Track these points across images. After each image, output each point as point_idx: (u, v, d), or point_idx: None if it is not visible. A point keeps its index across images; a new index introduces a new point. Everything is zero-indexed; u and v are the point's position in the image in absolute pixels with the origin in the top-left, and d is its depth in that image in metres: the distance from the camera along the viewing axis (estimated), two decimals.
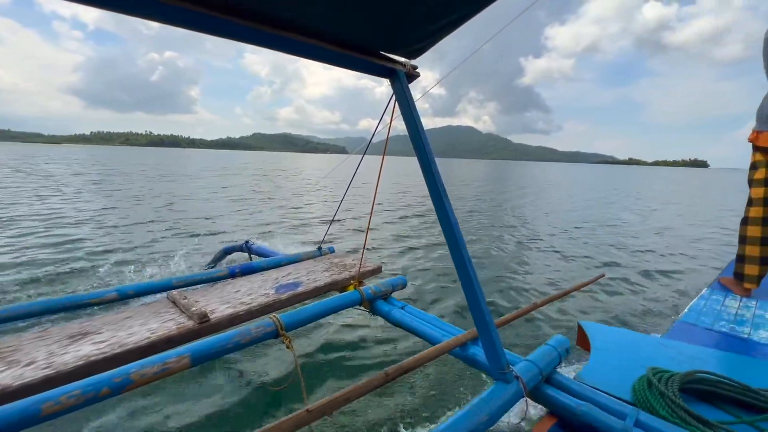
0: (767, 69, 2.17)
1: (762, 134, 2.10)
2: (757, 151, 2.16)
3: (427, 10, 0.81)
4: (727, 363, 1.42)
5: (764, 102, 2.13)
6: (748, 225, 2.17)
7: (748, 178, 2.22)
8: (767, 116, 2.07)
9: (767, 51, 2.14)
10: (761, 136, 2.11)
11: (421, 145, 1.09)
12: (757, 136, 2.13)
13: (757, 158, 2.17)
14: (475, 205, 10.01)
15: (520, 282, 3.66)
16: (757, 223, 2.14)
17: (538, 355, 1.18)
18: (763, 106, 2.13)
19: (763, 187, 2.12)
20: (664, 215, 9.47)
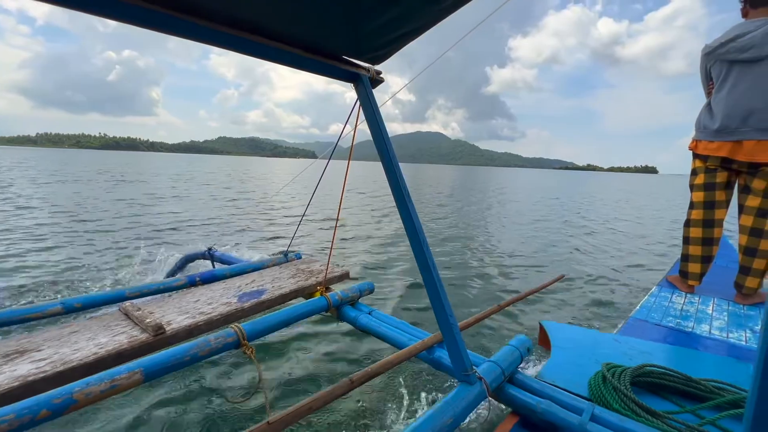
0: (704, 84, 2.37)
1: (700, 143, 2.29)
2: (697, 159, 2.34)
3: (388, 19, 0.82)
4: (673, 356, 1.52)
5: (702, 114, 2.32)
6: (691, 227, 2.35)
7: (689, 183, 2.40)
8: (704, 126, 2.26)
9: (704, 68, 2.34)
10: (700, 145, 2.29)
11: (385, 149, 1.09)
12: (696, 144, 2.32)
13: (696, 165, 2.35)
14: (442, 208, 10.20)
15: (484, 284, 3.75)
16: (699, 225, 2.32)
17: (501, 356, 1.21)
18: (701, 117, 2.31)
19: (702, 191, 2.30)
20: (619, 218, 10.05)
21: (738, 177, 2.23)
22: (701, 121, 2.30)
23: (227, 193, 11.73)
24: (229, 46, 0.81)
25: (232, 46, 0.82)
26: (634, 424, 0.98)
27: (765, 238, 2.08)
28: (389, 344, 1.51)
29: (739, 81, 2.12)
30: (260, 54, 0.87)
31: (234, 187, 14.23)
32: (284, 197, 11.01)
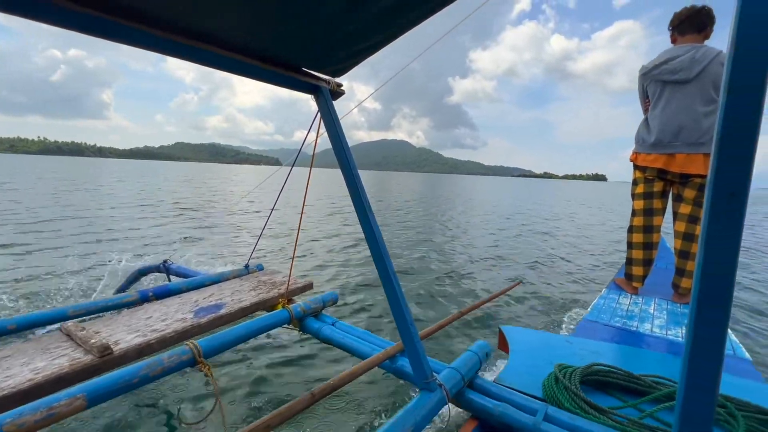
0: (642, 101, 2.59)
1: (639, 155, 2.49)
2: (637, 169, 2.55)
3: (348, 33, 0.84)
4: (619, 354, 1.63)
5: (640, 128, 2.53)
6: (633, 232, 2.54)
7: (631, 192, 2.60)
8: (642, 140, 2.46)
9: (641, 87, 2.56)
10: (639, 157, 2.49)
11: (345, 159, 1.10)
12: (636, 156, 2.52)
13: (637, 175, 2.56)
14: (406, 215, 10.33)
15: (446, 291, 3.83)
16: (640, 231, 2.51)
17: (461, 362, 1.24)
18: (639, 131, 2.52)
19: (642, 200, 2.50)
20: (573, 224, 10.64)
21: (672, 186, 2.44)
22: (640, 135, 2.51)
23: (186, 200, 11.22)
24: (183, 55, 0.79)
25: (186, 56, 0.80)
26: (583, 421, 1.03)
27: (696, 242, 2.29)
28: (353, 355, 1.50)
29: (671, 100, 2.33)
30: (216, 64, 0.86)
31: (191, 195, 13.64)
32: (247, 206, 10.69)
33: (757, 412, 1.05)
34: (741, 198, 0.53)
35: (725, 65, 0.52)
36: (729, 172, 0.53)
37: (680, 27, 2.37)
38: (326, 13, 0.74)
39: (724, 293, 0.56)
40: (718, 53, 2.22)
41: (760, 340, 2.95)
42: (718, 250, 0.56)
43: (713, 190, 0.55)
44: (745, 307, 3.78)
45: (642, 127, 2.51)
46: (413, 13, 0.79)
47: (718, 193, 0.55)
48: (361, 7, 0.73)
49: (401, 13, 0.79)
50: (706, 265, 0.56)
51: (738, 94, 0.51)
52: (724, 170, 0.53)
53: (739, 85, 0.50)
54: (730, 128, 0.52)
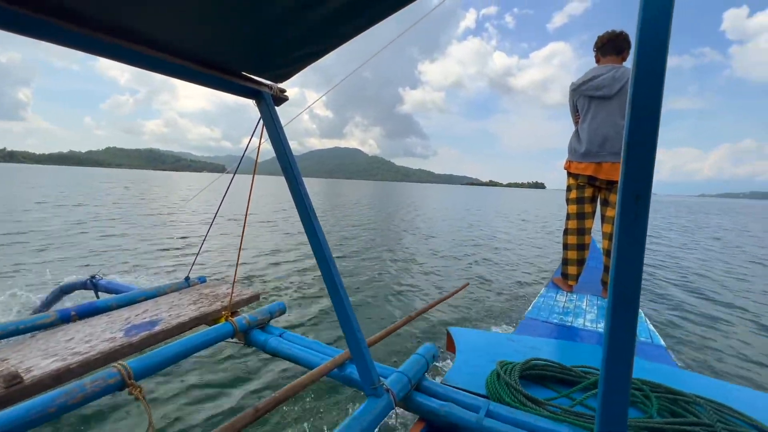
0: (572, 114, 2.83)
1: (572, 164, 2.71)
2: (570, 177, 2.77)
3: (290, 38, 0.83)
4: (556, 348, 1.74)
5: (572, 139, 2.76)
6: (568, 235, 2.75)
7: (566, 198, 2.82)
8: (574, 150, 2.69)
9: (571, 101, 2.79)
10: (572, 165, 2.71)
11: (288, 167, 1.08)
12: (569, 165, 2.74)
13: (570, 182, 2.78)
14: (358, 222, 10.35)
15: (397, 296, 3.88)
16: (574, 233, 2.72)
17: (408, 365, 1.26)
18: (571, 142, 2.75)
19: (575, 204, 2.72)
20: (515, 229, 11.27)
21: (600, 192, 2.68)
22: (572, 145, 2.73)
23: (116, 210, 10.33)
24: (114, 55, 0.74)
25: (117, 56, 0.75)
26: (522, 414, 1.09)
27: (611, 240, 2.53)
28: (301, 366, 1.47)
29: (597, 113, 2.57)
30: (149, 65, 0.81)
31: (125, 203, 12.60)
32: (189, 215, 10.09)
33: (667, 392, 1.18)
34: (645, 200, 0.60)
35: (629, 85, 0.59)
36: (634, 178, 0.60)
37: (603, 49, 2.63)
38: (266, 17, 0.73)
39: (634, 284, 0.62)
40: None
41: (675, 330, 3.31)
42: (627, 247, 0.62)
43: (622, 194, 0.61)
44: (666, 302, 4.22)
45: (573, 138, 2.73)
46: (357, 21, 0.79)
47: (626, 196, 0.61)
48: (302, 13, 0.73)
49: (344, 22, 0.79)
50: (618, 260, 0.62)
51: (639, 109, 0.57)
52: (630, 176, 0.60)
53: (640, 101, 0.57)
54: (633, 139, 0.59)
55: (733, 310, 3.99)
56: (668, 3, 0.54)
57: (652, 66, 0.56)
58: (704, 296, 4.51)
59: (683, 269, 6.16)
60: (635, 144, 0.58)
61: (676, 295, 4.48)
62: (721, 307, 4.07)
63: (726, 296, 4.56)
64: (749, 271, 6.34)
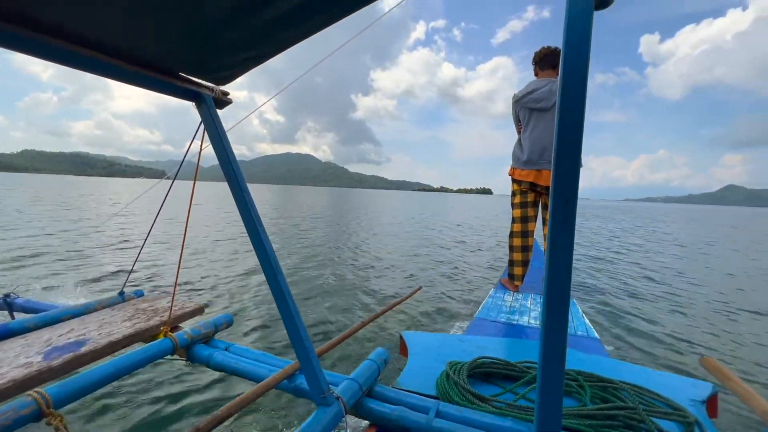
0: (516, 124, 3.01)
1: (516, 170, 2.87)
2: (514, 183, 2.93)
3: (231, 41, 0.80)
4: (503, 346, 1.82)
5: (515, 148, 2.93)
6: (513, 237, 2.90)
7: (511, 202, 2.99)
8: (517, 158, 2.85)
9: (514, 112, 2.97)
10: (515, 172, 2.88)
11: (232, 173, 1.05)
12: (513, 171, 2.91)
13: (514, 188, 2.95)
14: (311, 228, 10.20)
15: (350, 302, 3.87)
16: (518, 236, 2.88)
17: (359, 372, 1.25)
18: (515, 150, 2.92)
19: (519, 208, 2.89)
20: (466, 232, 11.71)
21: (541, 197, 2.87)
22: (515, 153, 2.90)
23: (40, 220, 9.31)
24: (29, 50, 0.67)
25: (37, 53, 0.68)
26: (470, 412, 1.13)
27: None
28: (249, 380, 1.40)
29: (537, 124, 2.76)
30: (74, 63, 0.74)
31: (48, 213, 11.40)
32: (124, 225, 9.34)
33: (599, 381, 1.28)
34: (573, 203, 0.66)
35: (557, 100, 0.64)
36: (563, 184, 0.65)
37: (540, 63, 2.83)
38: (203, 17, 0.70)
39: (565, 279, 0.67)
40: None
41: (608, 323, 3.61)
42: (558, 245, 0.67)
43: (554, 198, 0.66)
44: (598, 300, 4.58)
45: (516, 146, 2.90)
46: (302, 27, 0.79)
47: (557, 200, 0.66)
48: (243, 16, 0.71)
49: (289, 27, 0.78)
50: (551, 258, 0.67)
51: (565, 125, 0.63)
52: (560, 183, 0.65)
53: (565, 118, 0.62)
54: (561, 150, 0.64)
55: (658, 304, 4.43)
56: (587, 30, 0.60)
57: (575, 87, 0.62)
58: (634, 293, 4.96)
59: (620, 269, 6.75)
60: (563, 154, 0.64)
61: (609, 291, 4.90)
62: (647, 302, 4.50)
63: (653, 291, 5.07)
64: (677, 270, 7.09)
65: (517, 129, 2.95)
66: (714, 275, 6.40)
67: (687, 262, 7.73)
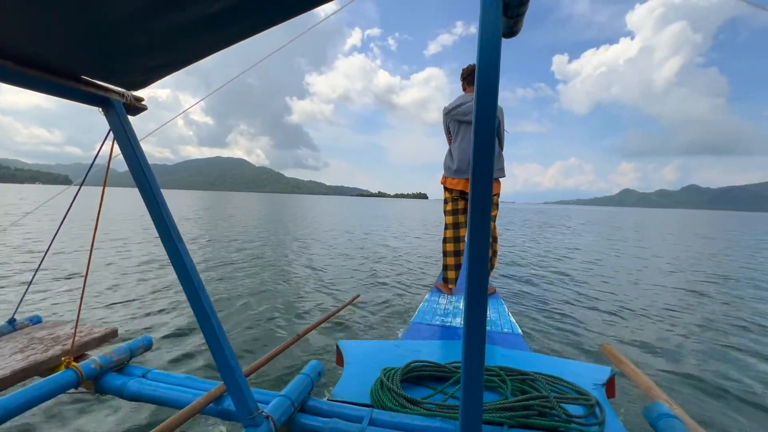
0: (446, 135, 3.18)
1: (447, 179, 3.03)
2: (446, 191, 3.09)
3: (140, 46, 0.75)
4: (436, 348, 1.89)
5: (446, 157, 3.09)
6: (446, 243, 3.05)
7: (443, 209, 3.14)
8: (448, 167, 3.01)
9: (445, 123, 3.14)
10: (447, 180, 3.03)
11: (144, 182, 0.97)
12: (445, 180, 3.06)
13: (446, 195, 3.10)
14: (244, 236, 9.77)
15: (285, 314, 3.76)
16: (451, 241, 3.03)
17: (291, 387, 1.22)
18: (446, 160, 3.08)
19: (451, 215, 3.04)
20: (404, 238, 12.03)
21: None
22: (446, 162, 3.06)
23: None
24: None
25: None
26: (402, 416, 1.16)
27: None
28: (171, 407, 1.29)
29: (464, 136, 2.94)
30: None
31: None
32: (18, 240, 8.12)
33: (519, 374, 1.39)
34: (487, 213, 0.71)
35: (473, 124, 0.70)
36: (479, 196, 0.71)
37: (468, 79, 3.03)
38: (107, 17, 0.64)
39: (482, 280, 0.73)
40: None
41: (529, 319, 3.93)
42: (476, 251, 0.72)
43: (472, 208, 0.72)
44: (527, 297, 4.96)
45: (447, 156, 3.07)
46: (224, 34, 0.76)
47: (474, 211, 0.72)
48: (151, 18, 0.67)
49: (206, 33, 0.75)
50: (470, 261, 0.72)
51: (479, 144, 0.69)
52: (476, 194, 0.70)
53: (480, 138, 0.68)
54: (476, 166, 0.69)
55: (574, 299, 4.93)
56: (497, 55, 0.66)
57: (487, 107, 0.68)
58: (552, 290, 5.47)
59: (544, 268, 7.38)
60: (478, 169, 0.70)
61: (533, 289, 5.34)
62: (565, 298, 4.99)
63: (570, 287, 5.63)
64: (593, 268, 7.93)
65: (448, 139, 3.12)
66: (619, 273, 7.30)
67: (597, 260, 8.72)
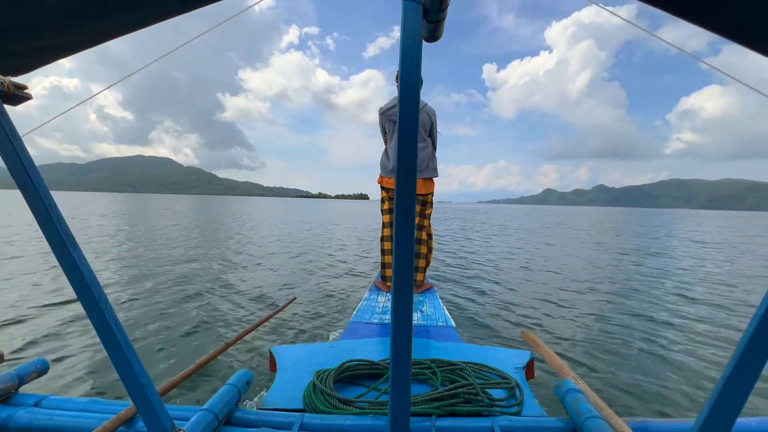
0: (382, 135, 3.22)
1: (384, 178, 3.07)
2: (383, 190, 3.13)
3: (11, 25, 0.65)
4: (373, 346, 1.91)
5: (382, 157, 3.13)
6: (384, 241, 3.09)
7: (381, 209, 3.18)
8: (384, 167, 3.06)
9: (380, 123, 3.18)
10: (383, 180, 3.07)
11: (28, 182, 0.84)
12: (381, 179, 3.10)
13: (383, 194, 3.14)
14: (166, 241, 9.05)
15: (213, 322, 3.54)
16: (388, 239, 3.08)
17: (215, 400, 1.15)
18: (382, 159, 3.12)
19: (388, 214, 3.09)
20: (343, 239, 12.02)
21: None
22: (382, 162, 3.10)
23: None
24: None
25: None
26: (333, 417, 1.15)
27: (422, 245, 3.02)
28: None
29: None
30: None
31: None
32: None
33: (448, 365, 1.46)
34: (411, 212, 0.73)
35: (397, 125, 0.71)
36: (403, 196, 0.72)
37: None
38: None
39: (407, 275, 0.74)
40: (425, 104, 3.02)
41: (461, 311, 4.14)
42: (401, 251, 0.74)
43: (397, 206, 0.72)
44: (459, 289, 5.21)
45: (383, 155, 3.11)
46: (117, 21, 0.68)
47: (399, 210, 0.72)
48: None
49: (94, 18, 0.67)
50: (397, 258, 0.73)
51: (404, 138, 0.69)
52: (401, 194, 0.71)
53: (403, 140, 0.69)
54: (401, 162, 0.70)
55: (503, 290, 5.30)
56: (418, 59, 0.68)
57: (410, 107, 0.69)
58: (484, 283, 5.83)
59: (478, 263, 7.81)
60: (402, 170, 0.71)
61: (467, 282, 5.64)
62: (495, 290, 5.34)
63: (500, 279, 6.03)
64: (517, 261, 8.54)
65: (384, 139, 3.16)
66: (542, 266, 7.99)
67: (523, 253, 9.48)
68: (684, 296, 5.10)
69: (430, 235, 3.14)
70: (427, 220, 3.08)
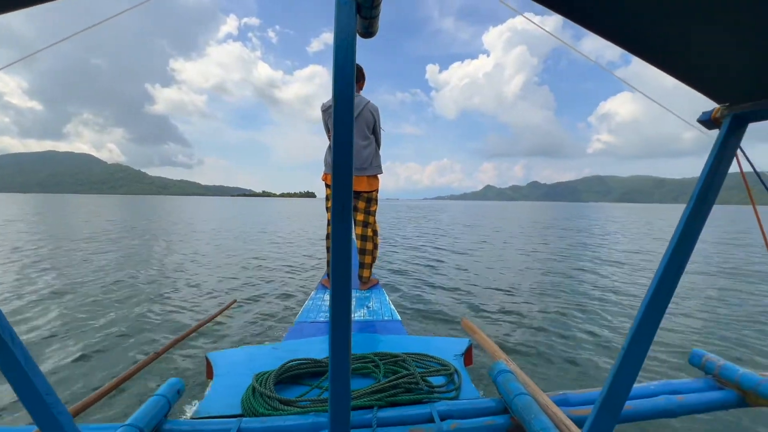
0: (326, 132, 3.18)
1: (328, 175, 3.04)
2: (327, 187, 3.10)
3: None
4: (317, 345, 1.88)
5: (326, 153, 3.09)
6: (329, 239, 3.06)
7: (325, 206, 3.14)
8: (328, 163, 3.02)
9: (324, 120, 3.13)
10: (328, 177, 3.04)
11: None
12: (326, 176, 3.06)
13: (328, 192, 3.11)
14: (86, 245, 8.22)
15: (143, 329, 3.29)
16: None
17: (141, 413, 1.06)
18: (326, 156, 3.09)
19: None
20: (287, 238, 11.75)
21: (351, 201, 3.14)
22: (326, 159, 3.07)
23: None
24: None
25: None
26: (273, 419, 1.11)
27: (368, 241, 3.04)
28: None
29: None
30: None
31: None
32: None
33: (390, 357, 1.48)
34: (348, 207, 0.73)
35: (333, 114, 0.70)
36: (340, 192, 0.71)
37: None
38: None
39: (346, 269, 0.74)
40: (367, 102, 3.03)
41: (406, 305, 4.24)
42: (338, 244, 0.73)
43: (334, 202, 0.72)
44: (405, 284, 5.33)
45: (327, 153, 3.07)
46: None
47: (337, 205, 0.72)
48: None
49: None
50: (334, 254, 0.72)
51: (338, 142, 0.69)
52: (338, 190, 0.71)
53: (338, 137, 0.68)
54: (337, 158, 0.70)
55: (444, 282, 5.51)
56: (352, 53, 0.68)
57: (344, 102, 0.69)
58: (427, 276, 6.02)
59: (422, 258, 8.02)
60: (338, 163, 0.70)
61: (411, 276, 5.79)
62: (436, 281, 5.54)
63: (441, 271, 6.26)
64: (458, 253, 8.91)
65: (328, 136, 3.13)
66: (482, 257, 8.44)
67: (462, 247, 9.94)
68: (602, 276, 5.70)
69: (376, 231, 3.18)
70: (372, 216, 3.11)
